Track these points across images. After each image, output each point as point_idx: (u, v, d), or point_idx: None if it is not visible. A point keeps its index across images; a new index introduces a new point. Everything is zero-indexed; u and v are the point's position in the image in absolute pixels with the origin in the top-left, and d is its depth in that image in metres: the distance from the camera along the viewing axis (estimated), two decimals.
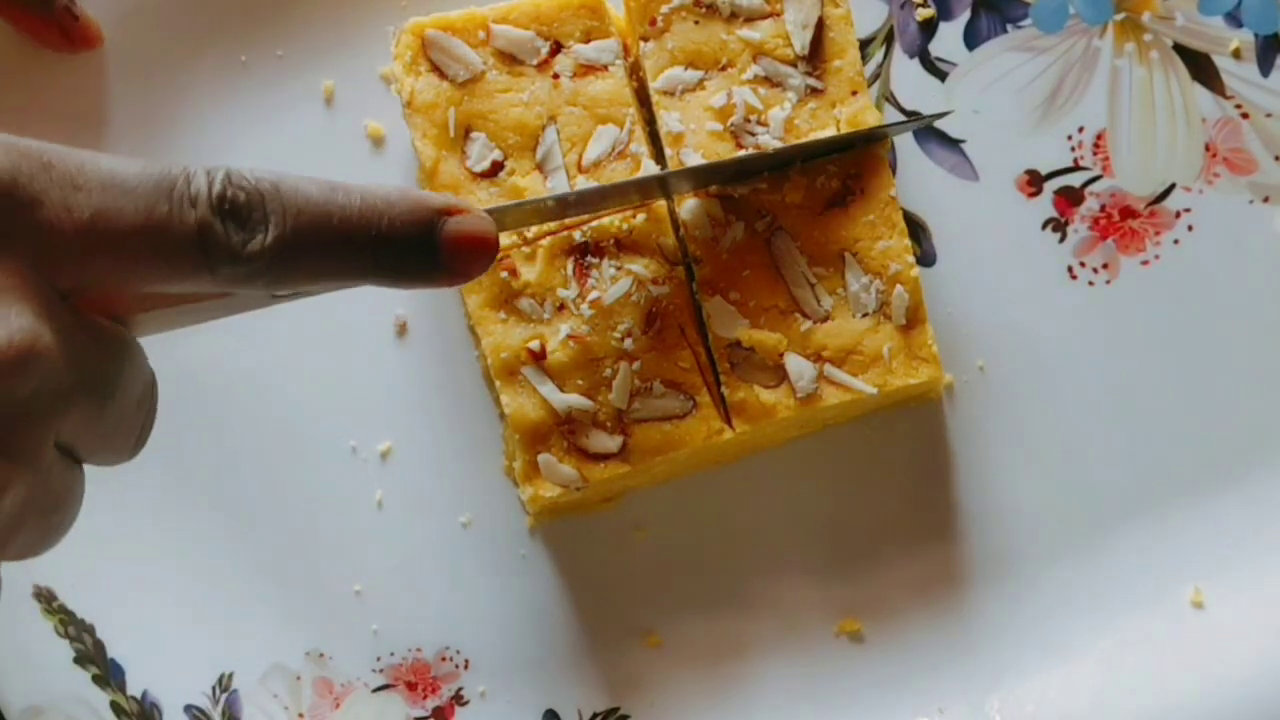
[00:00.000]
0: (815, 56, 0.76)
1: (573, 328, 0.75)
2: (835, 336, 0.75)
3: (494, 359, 0.75)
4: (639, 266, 0.75)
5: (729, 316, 0.74)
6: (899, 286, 0.75)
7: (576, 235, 0.75)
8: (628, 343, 0.74)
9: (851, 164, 0.76)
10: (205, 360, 0.81)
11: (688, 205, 0.75)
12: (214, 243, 0.56)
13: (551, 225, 0.74)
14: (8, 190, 0.52)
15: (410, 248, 0.62)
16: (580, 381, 0.75)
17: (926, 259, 0.81)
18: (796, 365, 0.74)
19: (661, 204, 0.75)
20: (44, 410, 0.53)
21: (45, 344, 0.52)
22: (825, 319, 0.75)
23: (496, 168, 0.75)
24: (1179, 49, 0.81)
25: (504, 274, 0.75)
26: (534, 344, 0.75)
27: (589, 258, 0.75)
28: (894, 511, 0.81)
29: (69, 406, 0.54)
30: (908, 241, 0.75)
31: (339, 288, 0.63)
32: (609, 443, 0.74)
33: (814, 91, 0.76)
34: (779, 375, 0.74)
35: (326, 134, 0.82)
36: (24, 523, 0.54)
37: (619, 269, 0.75)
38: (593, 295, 0.75)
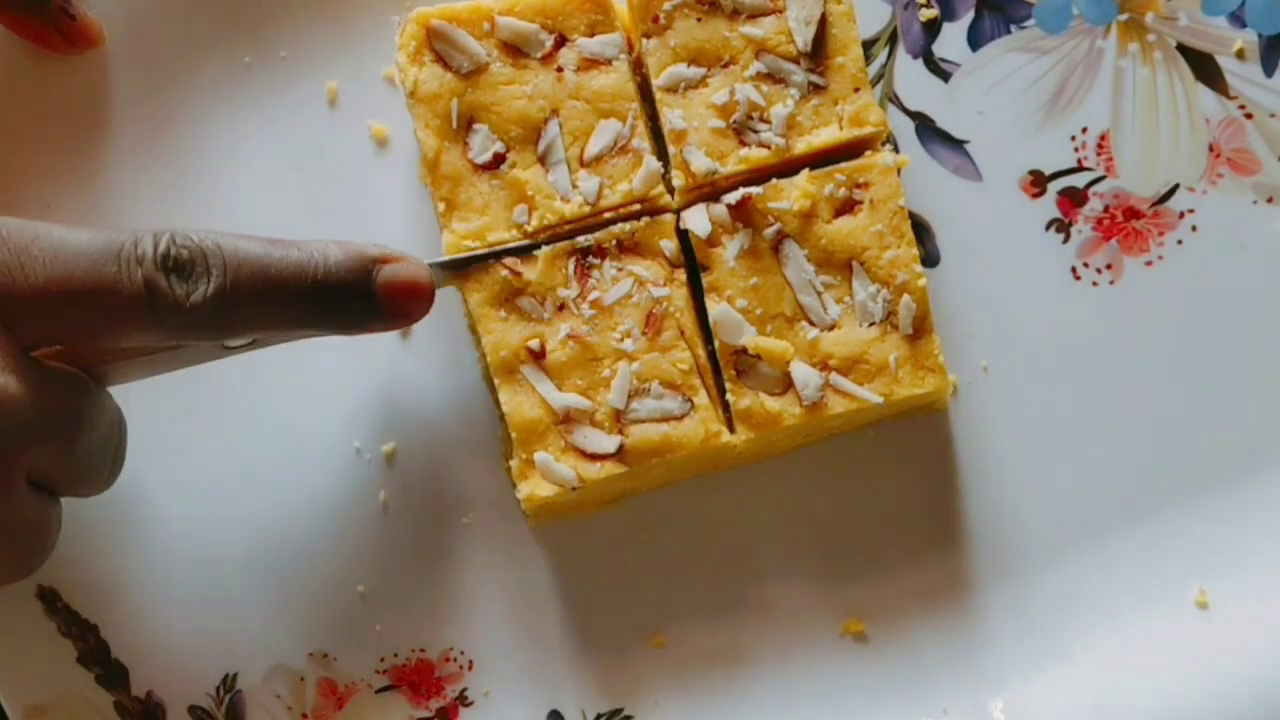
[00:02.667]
0: (818, 53, 0.76)
1: (573, 327, 0.75)
2: (842, 345, 0.75)
3: (493, 357, 0.75)
4: (640, 268, 0.75)
5: (735, 324, 0.74)
6: (906, 296, 0.75)
7: (579, 239, 0.75)
8: (627, 343, 0.74)
9: (860, 172, 0.76)
10: (210, 363, 0.81)
11: (694, 211, 0.75)
12: (159, 296, 0.63)
13: (552, 222, 0.75)
14: None
15: (347, 295, 0.68)
16: (579, 381, 0.75)
17: (930, 260, 0.81)
18: (803, 373, 0.74)
19: (665, 204, 0.76)
20: (10, 448, 0.61)
21: (10, 391, 0.60)
22: (832, 327, 0.75)
23: (498, 160, 0.75)
24: (1182, 49, 0.81)
25: (505, 273, 0.75)
26: (534, 343, 0.75)
27: (590, 258, 0.75)
28: (897, 512, 0.81)
29: (36, 445, 0.62)
30: (915, 251, 0.75)
31: (287, 338, 0.70)
32: (606, 443, 0.74)
33: (816, 88, 0.76)
34: (785, 383, 0.74)
35: (330, 135, 0.82)
36: None
37: (620, 270, 0.75)
38: (593, 295, 0.75)
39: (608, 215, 0.75)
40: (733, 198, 0.75)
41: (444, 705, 0.80)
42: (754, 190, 0.75)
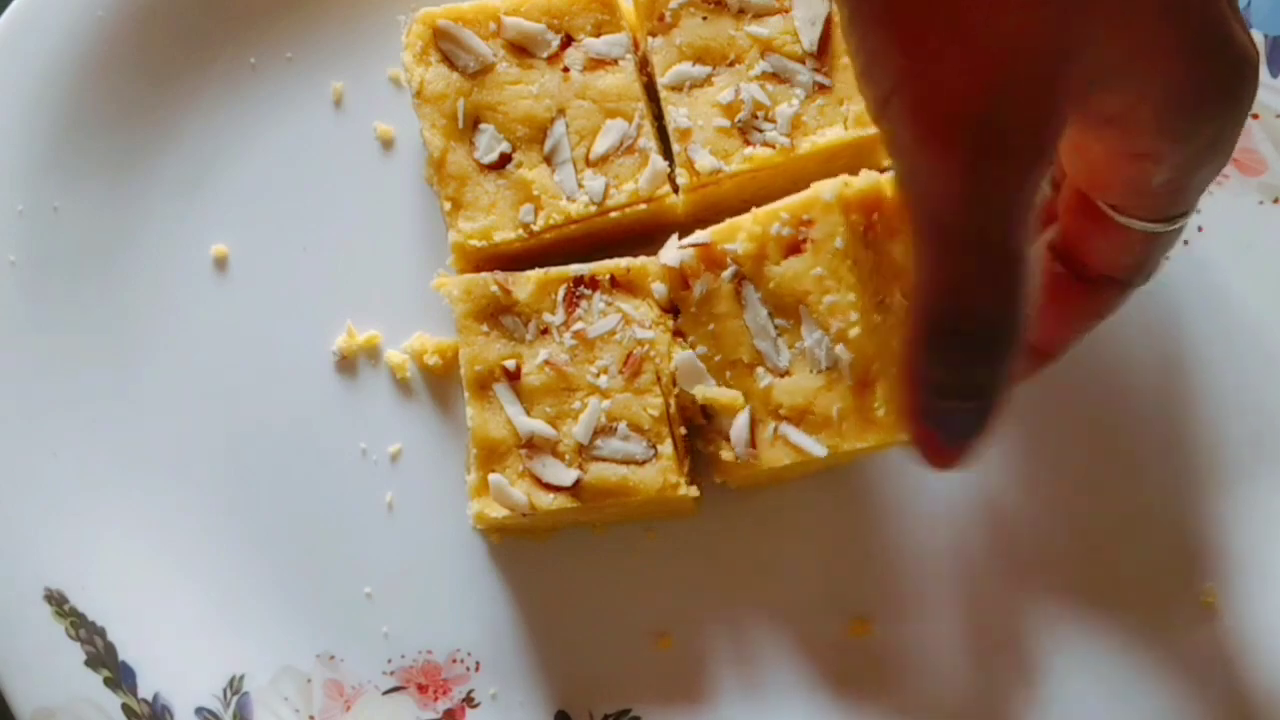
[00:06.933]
0: (824, 53, 0.76)
1: (551, 354, 0.74)
2: (790, 394, 0.73)
3: (467, 369, 0.75)
4: (630, 306, 0.75)
5: (696, 372, 0.74)
6: (840, 345, 0.72)
7: (572, 267, 0.75)
8: (603, 380, 0.74)
9: (804, 209, 0.73)
10: (215, 363, 0.81)
11: (669, 247, 0.75)
12: None
13: (558, 221, 0.75)
14: None
15: None
16: (548, 409, 0.74)
17: None
18: (737, 430, 0.73)
19: (670, 204, 0.76)
20: None
21: None
22: (785, 374, 0.73)
23: (504, 159, 0.76)
24: None
25: (495, 288, 0.75)
26: (510, 362, 0.75)
27: (582, 288, 0.75)
28: (904, 513, 0.80)
29: None
30: (853, 297, 0.72)
31: None
32: (564, 475, 0.74)
33: (822, 88, 0.76)
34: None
35: (336, 136, 0.82)
36: None
37: (609, 304, 0.75)
38: (578, 326, 0.75)
39: (614, 215, 0.75)
40: (701, 237, 0.73)
41: (451, 707, 0.80)
42: (704, 236, 0.73)
